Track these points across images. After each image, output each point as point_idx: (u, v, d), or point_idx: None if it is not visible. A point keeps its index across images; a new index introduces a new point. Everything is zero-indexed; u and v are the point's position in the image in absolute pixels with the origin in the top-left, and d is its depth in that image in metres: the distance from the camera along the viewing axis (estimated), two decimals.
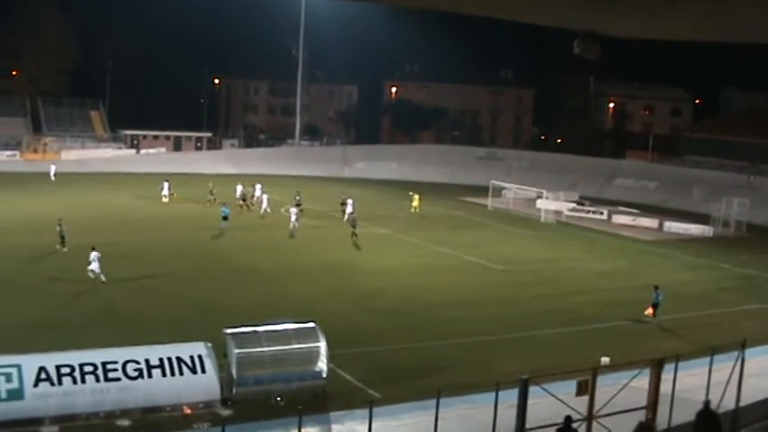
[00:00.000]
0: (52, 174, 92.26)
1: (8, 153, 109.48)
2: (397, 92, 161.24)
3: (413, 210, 78.85)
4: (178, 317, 39.93)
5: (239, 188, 77.59)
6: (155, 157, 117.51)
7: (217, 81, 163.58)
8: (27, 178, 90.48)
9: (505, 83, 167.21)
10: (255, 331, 30.86)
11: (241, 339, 29.97)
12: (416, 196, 79.62)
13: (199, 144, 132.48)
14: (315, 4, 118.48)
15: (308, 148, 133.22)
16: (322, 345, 30.70)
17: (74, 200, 77.19)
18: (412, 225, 72.75)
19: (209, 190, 78.19)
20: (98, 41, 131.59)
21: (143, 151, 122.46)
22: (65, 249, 53.01)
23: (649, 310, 43.30)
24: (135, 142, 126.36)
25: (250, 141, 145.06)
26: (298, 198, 73.93)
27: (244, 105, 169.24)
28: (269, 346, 30.21)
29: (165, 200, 79.08)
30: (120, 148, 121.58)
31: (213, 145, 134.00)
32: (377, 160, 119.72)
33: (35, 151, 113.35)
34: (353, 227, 63.32)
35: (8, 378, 26.65)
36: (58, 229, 53.92)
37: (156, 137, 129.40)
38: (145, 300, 43.44)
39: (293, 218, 65.09)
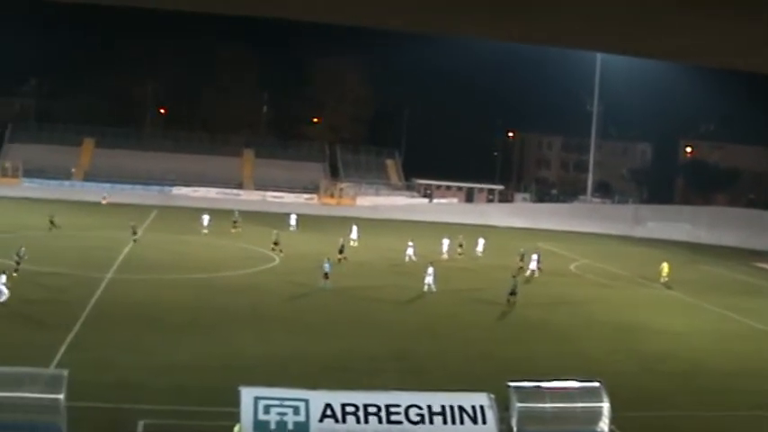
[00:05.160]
0: (293, 222, 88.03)
1: (306, 196, 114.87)
2: (691, 151, 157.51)
3: (662, 280, 70.99)
4: (464, 366, 40.17)
5: (446, 241, 75.04)
6: (446, 208, 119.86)
7: (511, 134, 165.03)
8: (324, 221, 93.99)
9: None
10: (539, 386, 30.58)
11: (524, 393, 29.71)
12: (665, 265, 71.93)
13: (491, 196, 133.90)
14: (610, 60, 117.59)
15: (598, 205, 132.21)
16: (605, 405, 30.00)
17: (373, 244, 79.21)
18: (700, 289, 70.33)
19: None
20: (394, 93, 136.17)
21: (435, 201, 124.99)
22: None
23: None
24: (428, 191, 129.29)
25: (542, 196, 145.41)
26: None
27: (536, 160, 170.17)
28: (551, 403, 29.91)
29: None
30: (412, 196, 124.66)
31: (505, 198, 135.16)
32: (668, 220, 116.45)
33: (331, 196, 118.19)
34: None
35: (296, 411, 27.59)
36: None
37: (448, 187, 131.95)
38: (434, 346, 44.17)
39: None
